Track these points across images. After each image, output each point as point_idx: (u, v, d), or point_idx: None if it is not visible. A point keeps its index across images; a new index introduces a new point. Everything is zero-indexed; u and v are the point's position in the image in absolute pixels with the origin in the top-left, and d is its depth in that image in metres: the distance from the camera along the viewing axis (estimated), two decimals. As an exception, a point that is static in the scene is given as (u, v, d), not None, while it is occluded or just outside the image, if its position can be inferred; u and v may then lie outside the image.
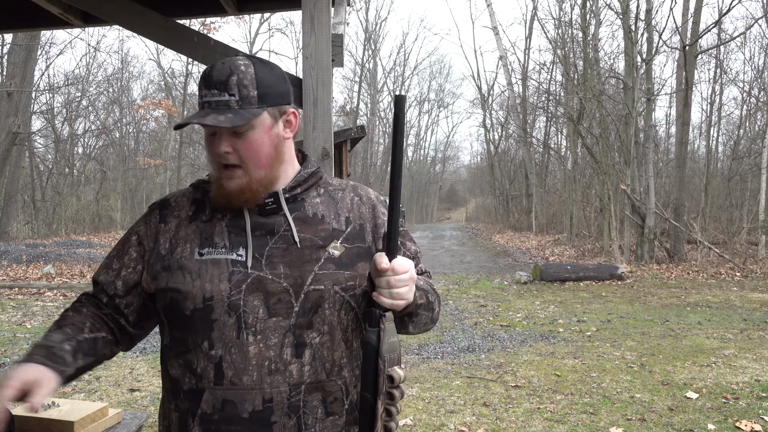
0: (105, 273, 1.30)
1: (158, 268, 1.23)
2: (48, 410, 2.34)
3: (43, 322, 7.56)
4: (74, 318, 1.26)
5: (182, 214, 1.26)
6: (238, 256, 1.19)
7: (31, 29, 4.23)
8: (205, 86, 1.16)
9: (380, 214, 1.32)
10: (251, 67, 1.17)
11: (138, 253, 1.27)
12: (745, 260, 13.49)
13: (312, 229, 1.24)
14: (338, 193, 1.32)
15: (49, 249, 15.18)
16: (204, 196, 1.27)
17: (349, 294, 1.22)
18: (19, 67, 18.34)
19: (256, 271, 1.18)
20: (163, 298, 1.22)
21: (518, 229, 26.94)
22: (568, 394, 4.78)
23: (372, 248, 1.28)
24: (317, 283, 1.19)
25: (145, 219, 1.30)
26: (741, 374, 5.30)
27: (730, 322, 7.58)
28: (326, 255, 1.22)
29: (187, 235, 1.23)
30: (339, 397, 1.22)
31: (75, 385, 5.05)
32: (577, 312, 8.34)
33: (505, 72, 27.11)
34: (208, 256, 1.20)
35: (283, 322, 1.17)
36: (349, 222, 1.28)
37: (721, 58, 20.64)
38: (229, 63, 1.16)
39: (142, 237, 1.28)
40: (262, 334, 1.16)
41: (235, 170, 1.18)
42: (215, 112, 1.14)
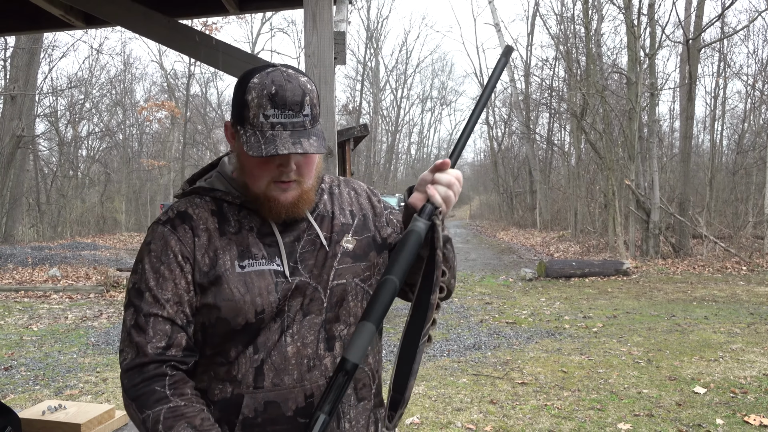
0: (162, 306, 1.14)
1: (205, 284, 1.16)
2: (55, 413, 2.34)
3: (49, 324, 7.59)
4: (201, 407, 1.14)
5: (210, 227, 1.20)
6: (276, 265, 1.19)
7: (33, 31, 4.24)
8: (276, 106, 1.11)
9: (376, 203, 1.37)
10: (311, 83, 1.16)
11: (190, 273, 1.17)
12: (751, 254, 13.43)
13: (326, 226, 1.27)
14: (335, 188, 1.36)
15: (55, 252, 15.23)
16: (219, 206, 1.23)
17: (368, 284, 1.27)
18: (23, 70, 18.39)
19: (296, 277, 1.20)
20: (208, 315, 1.17)
21: (522, 225, 26.88)
22: (575, 390, 4.76)
23: (377, 236, 1.33)
24: (339, 278, 1.23)
25: (174, 235, 1.18)
26: (749, 368, 5.28)
27: (737, 317, 7.55)
28: (342, 249, 1.26)
29: (223, 248, 1.18)
30: (367, 383, 1.28)
31: (82, 387, 5.06)
32: (583, 308, 8.31)
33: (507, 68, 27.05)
34: (250, 268, 1.17)
35: (316, 319, 1.20)
36: (353, 215, 1.32)
37: (724, 51, 20.54)
38: (297, 81, 1.14)
39: (185, 255, 1.17)
40: (299, 334, 1.19)
41: (290, 184, 1.18)
42: (295, 135, 1.12)
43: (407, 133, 48.38)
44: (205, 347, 1.19)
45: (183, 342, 1.15)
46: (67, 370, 5.58)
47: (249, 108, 1.12)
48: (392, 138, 43.51)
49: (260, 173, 1.17)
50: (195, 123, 32.28)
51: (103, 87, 27.03)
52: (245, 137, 1.12)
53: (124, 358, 1.14)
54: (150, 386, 1.10)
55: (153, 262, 1.17)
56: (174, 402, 1.10)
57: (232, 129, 1.19)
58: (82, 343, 6.59)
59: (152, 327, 1.13)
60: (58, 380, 5.26)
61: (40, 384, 5.16)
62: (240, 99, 1.14)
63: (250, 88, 1.12)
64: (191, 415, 1.09)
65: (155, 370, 1.12)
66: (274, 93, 1.11)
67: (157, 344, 1.13)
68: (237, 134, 1.17)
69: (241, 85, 1.15)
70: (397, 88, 43.18)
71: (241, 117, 1.14)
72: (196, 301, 1.17)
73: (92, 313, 8.28)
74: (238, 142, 1.17)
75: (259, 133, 1.11)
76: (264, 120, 1.11)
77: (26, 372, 5.52)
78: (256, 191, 1.18)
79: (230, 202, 1.23)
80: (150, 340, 1.12)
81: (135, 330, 1.14)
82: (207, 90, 35.28)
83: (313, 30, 2.57)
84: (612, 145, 15.67)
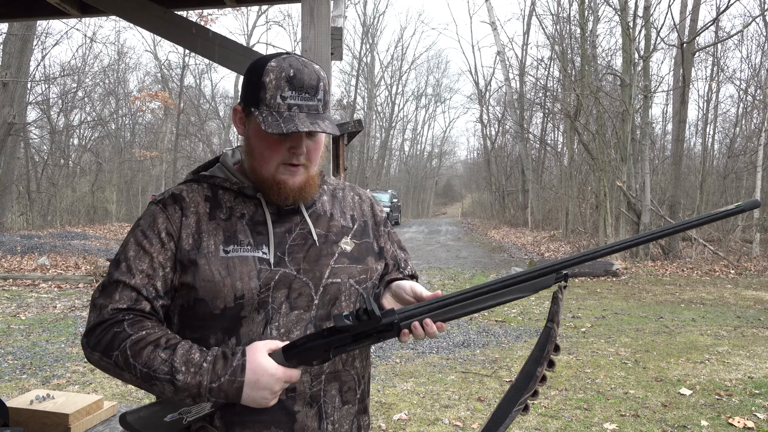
0: (132, 276, 1.16)
1: (185, 262, 1.18)
2: (43, 402, 2.33)
3: (38, 313, 7.55)
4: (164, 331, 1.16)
5: (200, 210, 1.22)
6: (263, 253, 1.20)
7: (28, 19, 4.20)
8: (293, 88, 1.15)
9: (378, 212, 1.41)
10: (323, 71, 1.20)
11: (170, 249, 1.19)
12: (739, 258, 13.55)
13: (324, 225, 1.29)
14: (339, 192, 1.38)
15: (44, 240, 15.13)
16: (214, 193, 1.25)
17: (362, 287, 1.28)
18: (15, 57, 18.21)
19: (281, 268, 1.20)
20: (186, 296, 1.19)
21: (514, 224, 26.97)
22: (562, 389, 4.80)
23: (374, 244, 1.35)
24: (334, 277, 1.24)
25: (163, 213, 1.21)
26: (734, 371, 5.33)
27: (724, 319, 7.62)
28: (339, 250, 1.27)
29: (209, 231, 1.20)
30: (353, 387, 1.29)
31: (69, 377, 5.04)
32: (572, 308, 8.36)
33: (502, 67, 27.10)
34: (234, 253, 1.18)
35: (305, 315, 1.21)
36: (354, 219, 1.34)
37: (718, 55, 20.67)
38: (312, 67, 1.17)
39: (169, 231, 1.20)
40: (285, 328, 1.19)
41: (298, 168, 1.21)
42: (311, 117, 1.15)
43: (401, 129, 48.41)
44: (185, 330, 1.20)
45: (146, 309, 1.16)
46: (54, 359, 5.55)
47: (266, 89, 1.14)
48: (386, 134, 43.49)
49: (271, 155, 1.19)
50: (188, 114, 32.12)
51: (96, 76, 26.84)
52: (261, 117, 1.14)
53: (87, 320, 1.17)
54: (110, 332, 1.12)
55: (138, 236, 1.20)
56: (136, 335, 1.11)
57: (242, 112, 1.22)
58: (71, 333, 6.56)
59: (119, 292, 1.15)
60: (45, 369, 5.24)
61: (27, 373, 5.14)
62: (256, 81, 1.16)
63: (267, 71, 1.15)
64: (155, 338, 1.11)
65: (112, 320, 1.14)
66: (292, 76, 1.14)
67: (118, 306, 1.14)
68: (249, 116, 1.19)
69: (256, 69, 1.17)
70: (392, 84, 43.17)
71: (256, 99, 1.16)
72: (173, 279, 1.18)
73: (81, 303, 8.24)
74: (251, 124, 1.20)
75: (276, 113, 1.14)
76: (281, 101, 1.14)
77: (13, 361, 5.49)
78: (264, 174, 1.20)
79: (227, 188, 1.25)
80: (112, 302, 1.14)
81: (102, 294, 1.17)
82: (201, 81, 35.20)
83: (311, 25, 2.57)
84: (605, 146, 15.74)
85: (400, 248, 1.44)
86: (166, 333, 1.14)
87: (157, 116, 30.52)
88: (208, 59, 3.18)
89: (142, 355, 1.09)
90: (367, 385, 1.35)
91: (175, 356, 1.09)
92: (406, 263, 1.43)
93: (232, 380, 1.08)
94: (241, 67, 2.98)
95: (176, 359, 1.09)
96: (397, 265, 1.41)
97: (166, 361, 1.08)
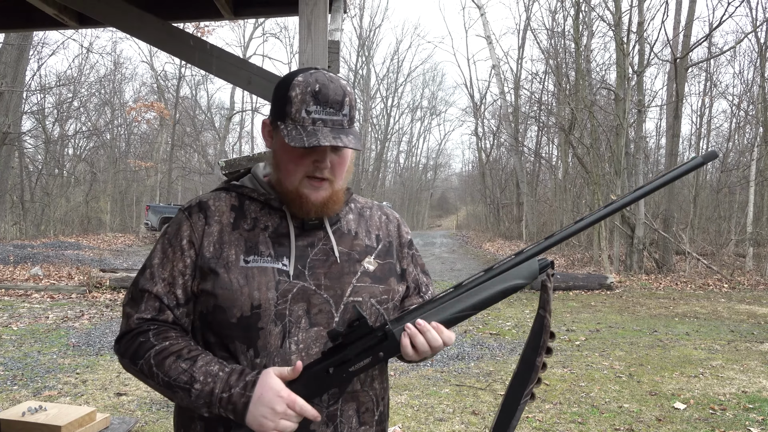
0: (155, 283, 1.20)
1: (206, 270, 1.20)
2: (35, 414, 2.31)
3: (30, 324, 7.49)
4: (186, 342, 1.19)
5: (224, 220, 1.24)
6: (282, 265, 1.20)
7: (26, 29, 4.21)
8: (318, 103, 1.16)
9: (404, 234, 1.41)
10: (350, 86, 1.21)
11: (191, 257, 1.22)
12: (732, 272, 13.60)
13: (348, 243, 1.29)
14: (366, 210, 1.38)
15: (37, 250, 15.05)
16: (241, 202, 1.27)
17: (383, 307, 1.27)
18: (11, 66, 18.22)
19: (300, 281, 1.20)
20: (206, 303, 1.20)
21: (508, 237, 27.00)
22: (556, 403, 4.79)
23: (397, 265, 1.34)
24: (356, 295, 1.24)
25: (188, 221, 1.24)
26: (728, 385, 5.34)
27: (718, 333, 7.63)
28: (362, 269, 1.27)
29: (231, 241, 1.22)
30: (370, 408, 1.27)
31: (61, 389, 5.00)
32: (567, 321, 8.36)
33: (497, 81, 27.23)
34: (254, 263, 1.20)
35: (324, 332, 1.20)
36: (379, 239, 1.34)
37: (711, 71, 20.87)
38: (338, 82, 1.19)
39: (191, 239, 1.22)
40: (304, 344, 1.18)
41: (323, 182, 1.21)
42: (335, 131, 1.16)
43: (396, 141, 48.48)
44: (207, 335, 1.22)
45: (169, 320, 1.20)
46: (46, 370, 5.51)
47: (292, 103, 1.16)
48: (381, 146, 43.56)
49: (295, 168, 1.20)
50: (184, 125, 32.12)
51: (92, 86, 26.83)
52: (286, 131, 1.16)
53: (120, 326, 1.23)
54: (136, 341, 1.18)
55: (164, 243, 1.25)
56: (160, 345, 1.16)
57: (270, 126, 1.24)
58: (63, 344, 6.51)
59: (144, 302, 1.20)
60: (37, 381, 5.19)
61: (18, 384, 5.10)
62: (283, 95, 1.19)
63: (294, 85, 1.17)
64: (177, 349, 1.15)
65: (138, 329, 1.19)
66: (317, 90, 1.16)
67: (144, 316, 1.20)
68: (276, 129, 1.21)
69: (284, 83, 1.20)
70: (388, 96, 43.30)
71: (282, 112, 1.19)
72: (193, 286, 1.21)
73: (74, 314, 8.19)
74: (277, 137, 1.22)
75: (300, 127, 1.16)
76: (306, 115, 1.16)
77: (4, 372, 5.44)
78: (289, 187, 1.22)
79: (254, 199, 1.27)
80: (138, 312, 1.20)
81: (129, 302, 1.23)
82: (197, 92, 35.19)
83: (308, 38, 2.59)
84: (599, 160, 15.83)
85: (423, 272, 1.43)
86: (189, 344, 1.18)
87: (153, 127, 30.52)
88: (205, 71, 3.19)
89: (164, 364, 1.13)
90: (386, 408, 1.33)
91: (195, 367, 1.13)
92: (427, 288, 1.41)
93: (241, 393, 1.10)
94: (237, 79, 2.99)
95: (195, 370, 1.13)
96: (418, 288, 1.39)
97: (185, 371, 1.12)
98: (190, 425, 1.23)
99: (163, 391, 1.16)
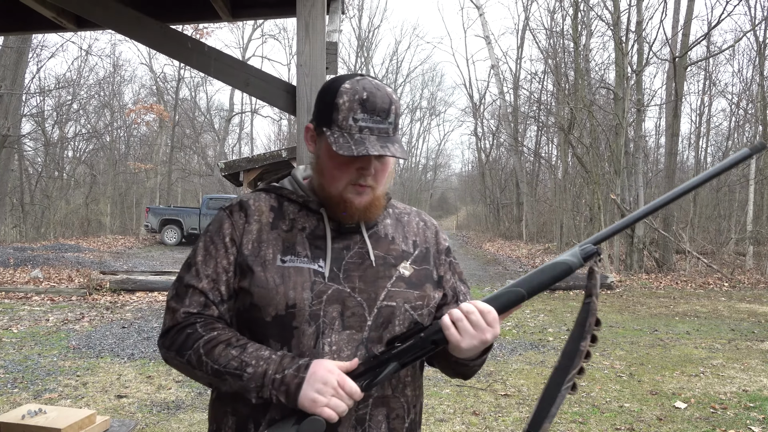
0: (200, 279, 1.23)
1: (245, 267, 1.22)
2: (35, 417, 2.31)
3: (30, 326, 7.49)
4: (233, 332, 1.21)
5: (263, 219, 1.26)
6: (318, 266, 1.21)
7: (24, 32, 4.21)
8: (365, 111, 1.17)
9: (442, 241, 1.40)
10: (395, 94, 1.22)
11: (234, 255, 1.24)
12: (732, 270, 13.60)
13: (384, 248, 1.29)
14: (404, 216, 1.38)
15: (37, 253, 15.05)
16: (280, 203, 1.29)
17: (417, 313, 1.26)
18: (10, 69, 18.22)
19: (335, 283, 1.21)
20: (242, 301, 1.22)
21: (508, 237, 27.01)
22: (557, 403, 4.78)
23: (434, 272, 1.34)
24: (390, 300, 1.23)
25: (229, 220, 1.26)
26: (729, 384, 5.34)
27: (718, 332, 7.63)
28: (397, 274, 1.27)
29: (269, 240, 1.23)
30: (401, 415, 1.26)
31: (62, 391, 5.00)
32: (567, 321, 8.36)
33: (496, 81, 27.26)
34: (290, 263, 1.21)
35: (356, 336, 1.20)
36: (416, 245, 1.34)
37: (710, 70, 20.90)
38: (384, 90, 1.19)
39: (233, 237, 1.25)
40: (336, 345, 1.19)
41: (365, 188, 1.22)
42: (381, 139, 1.18)
43: (396, 142, 48.46)
44: (244, 333, 1.23)
45: (214, 315, 1.22)
46: (46, 373, 5.51)
47: (339, 111, 1.17)
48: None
49: (340, 174, 1.21)
50: (183, 127, 32.16)
51: (92, 88, 26.84)
52: (333, 138, 1.17)
53: (163, 322, 1.25)
54: (183, 333, 1.20)
55: (206, 241, 1.27)
56: (208, 335, 1.18)
57: (314, 131, 1.25)
58: (63, 347, 6.51)
59: (189, 297, 1.22)
60: (37, 383, 5.19)
61: (18, 387, 5.09)
62: (330, 102, 1.19)
63: (341, 92, 1.18)
64: (226, 338, 1.17)
65: (185, 322, 1.21)
66: (365, 98, 1.17)
67: (190, 310, 1.22)
68: (321, 135, 1.22)
69: (330, 89, 1.20)
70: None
71: (329, 119, 1.19)
72: (234, 283, 1.23)
73: (74, 316, 8.19)
74: (322, 142, 1.22)
75: (347, 134, 1.16)
76: (353, 123, 1.17)
77: (5, 374, 5.44)
78: (332, 192, 1.23)
79: (293, 200, 1.28)
80: (183, 306, 1.22)
81: (175, 298, 1.24)
82: (196, 94, 35.20)
83: (306, 39, 2.59)
84: (598, 159, 15.84)
85: (461, 281, 1.42)
86: (236, 334, 1.20)
87: (152, 129, 30.54)
88: (204, 73, 3.19)
89: (213, 352, 1.15)
90: (417, 416, 1.32)
91: (246, 353, 1.15)
92: (465, 297, 1.40)
93: (294, 375, 1.12)
94: (235, 80, 2.98)
95: (246, 355, 1.15)
96: (456, 297, 1.38)
97: (236, 358, 1.14)
98: (222, 419, 1.25)
99: (210, 379, 1.17)
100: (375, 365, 1.14)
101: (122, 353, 6.28)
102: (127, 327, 7.57)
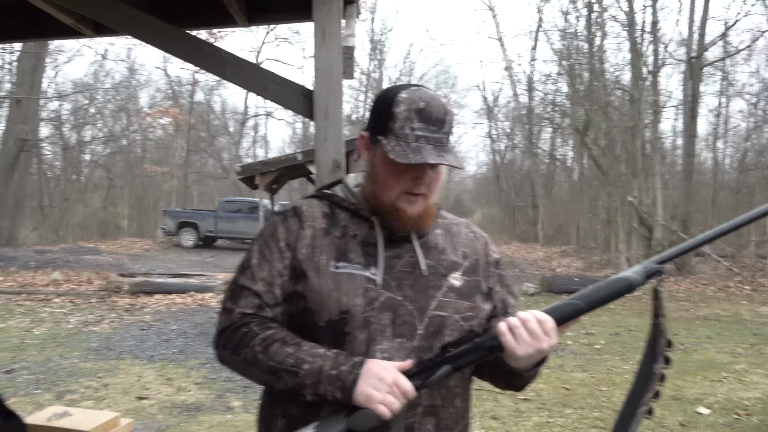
0: (255, 282, 1.24)
1: (299, 272, 1.23)
2: (61, 419, 2.33)
3: (51, 328, 7.58)
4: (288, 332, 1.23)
5: (316, 225, 1.27)
6: (371, 274, 1.22)
7: (44, 39, 4.27)
8: (422, 120, 1.18)
9: (491, 252, 1.40)
10: (449, 104, 1.23)
11: (288, 259, 1.25)
12: (754, 274, 13.40)
13: (435, 258, 1.29)
14: (454, 226, 1.38)
15: (57, 255, 15.23)
16: (332, 210, 1.29)
17: (468, 324, 1.26)
18: (28, 74, 18.48)
19: (387, 291, 1.21)
20: (296, 305, 1.24)
21: (525, 239, 26.85)
22: (577, 408, 4.74)
23: (483, 283, 1.34)
24: (440, 309, 1.23)
25: (284, 224, 1.28)
26: (753, 389, 5.25)
27: (741, 337, 7.52)
28: (448, 284, 1.27)
29: (323, 246, 1.24)
30: (450, 425, 1.26)
31: (83, 393, 5.05)
32: (586, 324, 8.29)
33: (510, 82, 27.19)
34: (343, 269, 1.22)
35: (407, 344, 1.20)
36: (466, 256, 1.34)
37: (727, 70, 20.61)
38: (440, 100, 1.21)
39: (288, 242, 1.26)
40: (387, 353, 1.19)
41: (418, 197, 1.23)
42: (437, 149, 1.19)
43: (410, 144, 48.48)
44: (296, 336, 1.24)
45: (269, 316, 1.24)
46: (68, 374, 5.57)
47: (396, 120, 1.18)
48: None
49: (394, 183, 1.21)
50: (198, 130, 32.38)
51: (108, 92, 27.15)
52: (389, 146, 1.18)
53: (218, 323, 1.26)
54: (239, 332, 1.21)
55: (261, 245, 1.28)
56: (264, 333, 1.19)
57: (368, 139, 1.26)
58: (84, 348, 6.58)
59: (244, 298, 1.24)
60: (59, 384, 5.24)
61: (41, 388, 5.15)
62: (386, 111, 1.20)
63: (398, 102, 1.19)
64: (281, 337, 1.19)
65: (240, 322, 1.22)
66: (422, 108, 1.18)
67: (245, 310, 1.23)
68: (376, 144, 1.23)
69: (386, 98, 1.21)
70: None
71: (384, 127, 1.21)
72: (288, 286, 1.24)
73: (94, 318, 8.27)
74: (377, 151, 1.23)
75: (404, 143, 1.17)
76: (410, 132, 1.18)
77: (28, 375, 5.50)
78: (385, 200, 1.23)
79: (344, 207, 1.29)
80: (238, 307, 1.23)
81: (230, 299, 1.26)
82: (211, 97, 35.41)
83: (322, 44, 2.58)
84: (614, 161, 15.70)
85: (510, 293, 1.42)
86: (290, 333, 1.21)
87: (168, 132, 30.79)
88: (220, 77, 3.20)
89: (269, 350, 1.16)
90: (466, 429, 1.31)
91: (301, 350, 1.16)
92: (514, 310, 1.39)
93: (350, 371, 1.12)
94: (253, 85, 2.99)
95: (302, 352, 1.16)
96: (505, 309, 1.37)
97: (292, 355, 1.15)
98: (272, 421, 1.25)
99: (266, 377, 1.18)
100: (428, 366, 1.14)
101: (142, 355, 6.33)
102: (146, 329, 7.63)
